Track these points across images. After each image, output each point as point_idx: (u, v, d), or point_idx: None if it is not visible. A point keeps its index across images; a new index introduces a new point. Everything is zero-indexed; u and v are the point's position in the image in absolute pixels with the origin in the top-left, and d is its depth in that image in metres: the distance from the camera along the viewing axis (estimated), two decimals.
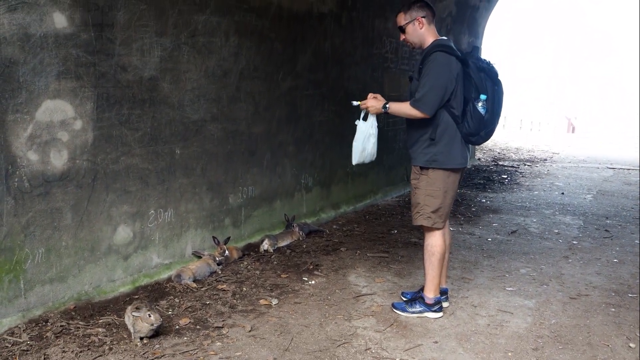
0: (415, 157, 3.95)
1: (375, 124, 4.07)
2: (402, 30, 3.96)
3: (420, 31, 3.90)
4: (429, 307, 4.04)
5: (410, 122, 3.96)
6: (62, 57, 3.69)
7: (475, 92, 3.74)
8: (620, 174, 11.84)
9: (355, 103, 4.13)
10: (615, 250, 5.91)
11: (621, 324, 4.01)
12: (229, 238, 5.10)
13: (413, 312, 4.06)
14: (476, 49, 3.99)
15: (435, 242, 3.99)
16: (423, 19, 3.87)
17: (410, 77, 3.99)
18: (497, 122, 3.88)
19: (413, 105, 3.77)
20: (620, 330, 3.91)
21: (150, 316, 3.43)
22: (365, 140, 4.05)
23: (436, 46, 3.79)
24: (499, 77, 3.82)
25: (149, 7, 4.25)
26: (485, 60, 3.86)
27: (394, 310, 4.13)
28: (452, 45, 3.87)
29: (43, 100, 3.61)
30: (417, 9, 3.88)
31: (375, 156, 4.16)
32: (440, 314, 4.07)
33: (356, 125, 4.06)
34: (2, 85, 3.37)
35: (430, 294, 4.04)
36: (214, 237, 5.00)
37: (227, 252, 4.95)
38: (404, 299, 4.28)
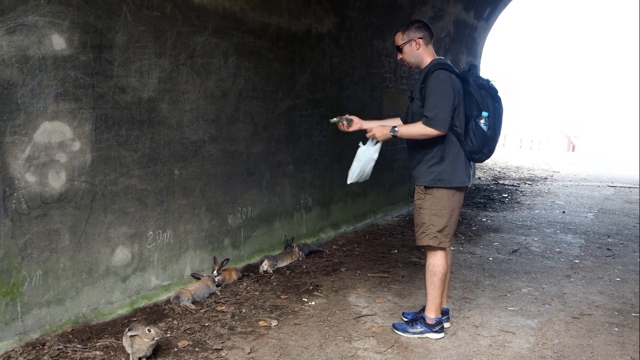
0: (419, 177, 3.92)
1: (379, 149, 4.01)
2: (399, 49, 3.98)
3: (417, 52, 3.92)
4: (430, 327, 4.00)
5: (413, 141, 3.94)
6: (61, 78, 3.70)
7: (477, 110, 3.75)
8: (621, 192, 11.83)
9: (332, 120, 4.17)
10: (617, 269, 5.87)
11: (625, 344, 3.97)
12: (227, 260, 5.07)
13: (414, 333, 4.02)
14: (474, 66, 4.02)
15: (437, 262, 3.96)
16: (420, 39, 3.90)
17: (411, 97, 3.98)
18: (498, 139, 3.89)
19: (427, 124, 3.71)
20: (624, 350, 3.86)
21: (150, 331, 3.40)
22: (365, 164, 4.01)
23: (437, 64, 3.81)
24: (499, 94, 3.84)
25: (147, 29, 4.27)
26: (483, 78, 3.89)
27: (395, 331, 4.09)
28: (451, 64, 3.89)
29: (41, 122, 3.61)
30: (415, 30, 3.90)
31: (369, 177, 4.11)
32: (442, 335, 4.02)
33: (359, 146, 4.03)
34: (0, 107, 3.37)
35: (431, 315, 4.00)
36: (214, 258, 4.97)
37: (219, 272, 4.86)
38: (405, 320, 4.23)
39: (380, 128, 3.92)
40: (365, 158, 4.00)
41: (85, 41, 3.83)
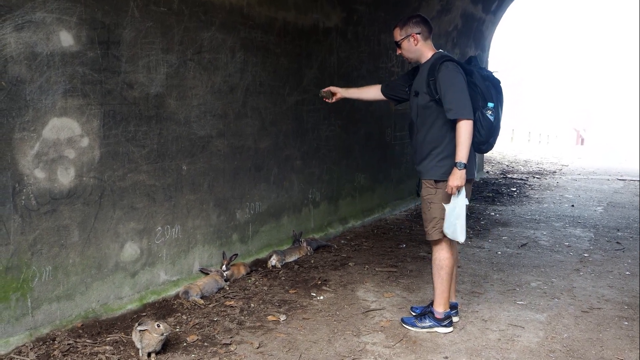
0: (428, 171, 3.90)
1: (464, 194, 3.83)
2: (398, 45, 3.99)
3: (415, 47, 3.92)
4: (439, 322, 3.99)
5: (420, 136, 3.93)
6: (69, 75, 3.71)
7: (482, 101, 3.75)
8: (631, 185, 11.76)
9: (321, 92, 4.46)
10: (627, 262, 5.84)
11: (634, 338, 3.95)
12: (236, 255, 5.08)
13: (423, 327, 4.01)
14: (474, 58, 4.01)
15: (444, 256, 3.96)
16: (418, 35, 3.89)
17: (416, 91, 3.93)
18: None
19: (456, 116, 3.68)
20: (634, 344, 3.85)
21: (159, 326, 3.42)
22: (461, 214, 3.82)
23: (442, 57, 3.81)
24: (501, 85, 3.88)
25: (154, 25, 4.27)
26: (486, 69, 3.92)
27: (404, 325, 4.09)
28: (453, 57, 3.91)
29: (50, 118, 3.62)
30: (413, 25, 3.90)
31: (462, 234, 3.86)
32: (451, 329, 4.02)
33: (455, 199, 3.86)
34: (9, 103, 3.39)
35: (440, 309, 4.00)
36: (223, 253, 4.98)
37: (227, 267, 4.88)
38: (414, 314, 4.23)
39: (452, 178, 3.72)
40: (462, 210, 3.82)
41: (93, 37, 3.84)
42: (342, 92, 4.47)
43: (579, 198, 9.98)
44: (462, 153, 3.68)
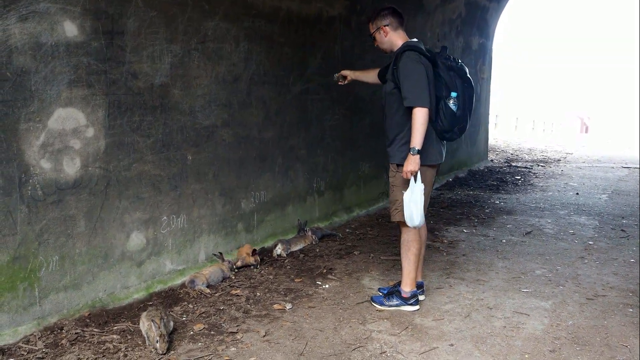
0: (393, 155, 4.10)
1: (420, 178, 3.98)
2: (372, 38, 4.23)
3: (386, 38, 4.16)
4: (405, 300, 4.17)
5: (387, 122, 4.12)
6: (73, 65, 3.71)
7: (446, 91, 3.91)
8: (636, 173, 11.73)
9: (335, 77, 4.74)
10: (632, 250, 5.84)
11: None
12: (255, 250, 5.10)
13: (390, 306, 4.19)
14: (444, 48, 4.16)
15: (411, 238, 4.12)
16: (387, 27, 4.12)
17: (386, 79, 4.15)
18: (469, 119, 4.05)
19: (411, 105, 3.83)
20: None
21: (158, 329, 3.44)
22: (419, 198, 3.96)
23: (405, 46, 4.01)
24: (468, 75, 4.02)
25: (159, 14, 4.27)
26: (453, 59, 4.06)
27: (372, 303, 4.26)
28: (422, 46, 4.04)
29: (55, 109, 3.63)
30: (381, 18, 4.14)
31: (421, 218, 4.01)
32: (417, 307, 4.19)
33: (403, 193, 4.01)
34: (14, 94, 3.39)
35: (406, 288, 4.18)
36: (254, 250, 5.07)
37: (258, 261, 5.09)
38: (382, 294, 4.37)
39: (406, 163, 3.87)
40: (418, 195, 3.95)
41: (97, 27, 3.84)
42: (351, 75, 4.76)
43: (584, 186, 9.96)
44: (416, 139, 3.84)
